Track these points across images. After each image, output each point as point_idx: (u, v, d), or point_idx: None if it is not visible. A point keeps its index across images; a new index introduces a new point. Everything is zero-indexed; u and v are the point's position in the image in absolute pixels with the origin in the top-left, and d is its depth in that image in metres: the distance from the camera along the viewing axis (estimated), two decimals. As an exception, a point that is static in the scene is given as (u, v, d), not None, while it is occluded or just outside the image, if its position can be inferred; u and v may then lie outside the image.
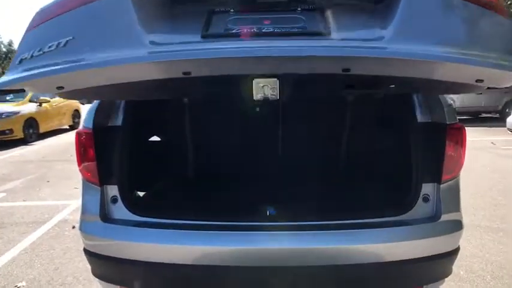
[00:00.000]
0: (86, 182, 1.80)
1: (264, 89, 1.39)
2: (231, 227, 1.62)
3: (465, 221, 1.74)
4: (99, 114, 1.76)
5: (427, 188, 1.73)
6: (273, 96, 1.40)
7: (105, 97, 1.72)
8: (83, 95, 1.60)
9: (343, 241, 1.57)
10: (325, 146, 2.44)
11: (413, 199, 1.72)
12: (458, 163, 1.74)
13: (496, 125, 10.42)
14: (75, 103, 12.29)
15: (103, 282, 1.77)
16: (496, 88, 1.47)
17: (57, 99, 10.96)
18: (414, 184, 1.74)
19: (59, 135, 10.53)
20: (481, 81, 1.23)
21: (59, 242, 3.31)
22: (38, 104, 9.86)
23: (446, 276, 1.72)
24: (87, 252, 1.75)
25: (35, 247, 3.23)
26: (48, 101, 10.24)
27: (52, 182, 5.45)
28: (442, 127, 1.69)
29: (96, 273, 1.76)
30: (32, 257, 3.04)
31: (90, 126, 1.74)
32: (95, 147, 1.74)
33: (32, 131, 9.48)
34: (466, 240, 3.00)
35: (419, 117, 1.78)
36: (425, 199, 1.72)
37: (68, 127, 11.60)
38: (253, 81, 1.38)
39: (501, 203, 4.16)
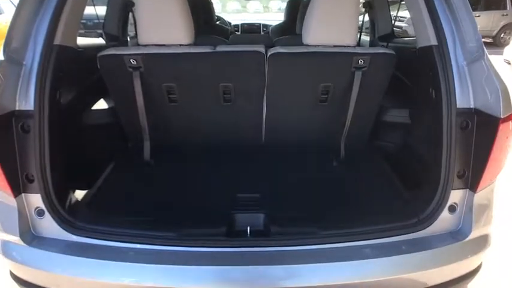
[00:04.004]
0: None
1: None
2: (206, 258, 1.21)
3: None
4: None
5: (456, 195, 1.33)
6: None
7: None
8: None
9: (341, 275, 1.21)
10: (322, 131, 1.89)
11: (436, 210, 1.33)
12: (502, 164, 1.32)
13: (490, 52, 9.89)
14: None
15: None
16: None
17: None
18: (441, 190, 1.33)
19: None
20: None
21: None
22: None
23: None
24: (14, 276, 1.34)
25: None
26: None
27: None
28: (492, 120, 1.22)
29: None
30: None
31: None
32: None
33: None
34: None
35: (460, 101, 1.29)
36: (452, 209, 1.34)
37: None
38: None
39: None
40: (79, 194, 1.57)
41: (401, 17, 2.58)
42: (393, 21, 2.48)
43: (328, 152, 1.84)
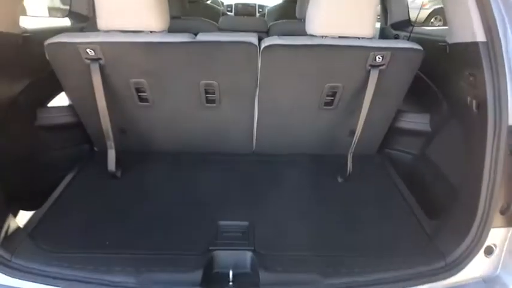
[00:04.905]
0: None
1: None
2: None
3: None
4: None
5: (496, 235, 1.06)
6: None
7: None
8: None
9: None
10: (325, 140, 1.57)
11: (469, 252, 1.06)
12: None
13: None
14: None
15: None
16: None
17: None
18: (477, 227, 1.05)
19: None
20: None
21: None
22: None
23: None
24: None
25: None
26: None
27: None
28: None
29: None
30: None
31: None
32: None
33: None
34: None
35: None
36: (489, 251, 1.07)
37: None
38: None
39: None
40: (23, 217, 1.26)
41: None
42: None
43: (332, 165, 1.54)
